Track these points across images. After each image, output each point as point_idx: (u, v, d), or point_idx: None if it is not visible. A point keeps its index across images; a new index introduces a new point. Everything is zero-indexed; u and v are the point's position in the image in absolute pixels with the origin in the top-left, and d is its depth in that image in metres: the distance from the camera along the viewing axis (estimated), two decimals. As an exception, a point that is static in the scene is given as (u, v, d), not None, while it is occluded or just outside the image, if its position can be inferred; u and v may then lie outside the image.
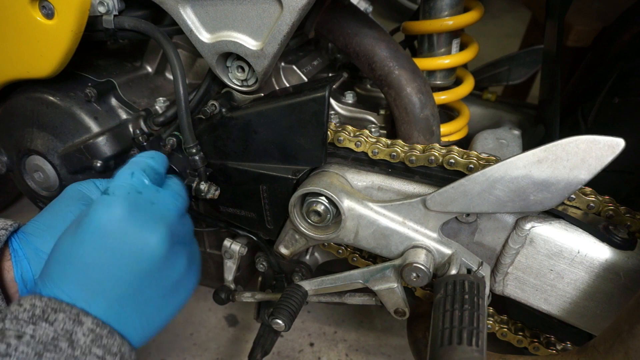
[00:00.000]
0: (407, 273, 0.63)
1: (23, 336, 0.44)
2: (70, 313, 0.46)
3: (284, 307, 0.70)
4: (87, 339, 0.46)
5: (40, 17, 0.65)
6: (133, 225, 0.50)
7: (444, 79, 0.92)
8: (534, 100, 1.11)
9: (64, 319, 0.46)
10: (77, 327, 0.46)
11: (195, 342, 1.17)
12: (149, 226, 0.51)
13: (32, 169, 0.82)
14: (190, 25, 0.68)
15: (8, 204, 1.60)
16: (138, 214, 0.51)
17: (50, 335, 0.45)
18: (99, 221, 0.50)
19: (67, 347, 0.45)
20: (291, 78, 0.86)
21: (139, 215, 0.51)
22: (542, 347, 0.76)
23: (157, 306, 0.53)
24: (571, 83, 1.09)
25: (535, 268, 0.65)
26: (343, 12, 0.78)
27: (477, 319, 0.53)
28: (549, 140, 0.53)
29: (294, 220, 0.72)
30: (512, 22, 3.05)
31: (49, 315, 0.46)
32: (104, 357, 0.47)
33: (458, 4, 0.85)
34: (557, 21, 0.86)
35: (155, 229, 0.51)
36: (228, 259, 0.86)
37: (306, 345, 1.16)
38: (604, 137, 0.50)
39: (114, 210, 0.50)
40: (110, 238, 0.50)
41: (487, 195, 0.58)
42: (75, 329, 0.46)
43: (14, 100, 0.79)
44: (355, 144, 0.72)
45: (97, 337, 0.47)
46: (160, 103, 0.82)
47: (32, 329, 0.44)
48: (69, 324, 0.46)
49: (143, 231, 0.50)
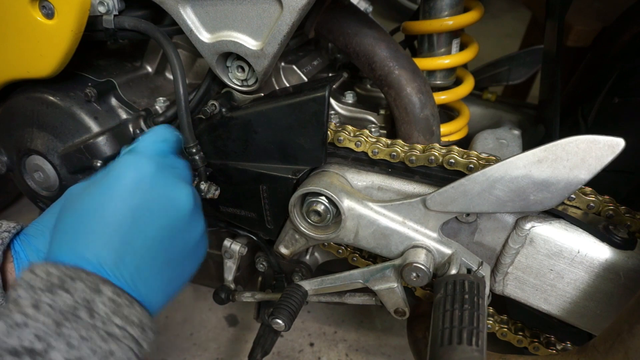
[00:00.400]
0: (407, 273, 0.63)
1: (40, 305, 0.42)
2: (90, 282, 0.45)
3: (284, 307, 0.70)
4: (107, 309, 0.45)
5: (40, 17, 0.65)
6: (162, 182, 0.51)
7: (444, 79, 0.92)
8: (534, 100, 1.11)
9: (84, 289, 0.44)
10: (97, 297, 0.44)
11: (195, 342, 1.17)
12: (177, 184, 0.52)
13: (32, 169, 0.82)
14: (190, 25, 0.68)
15: (8, 204, 1.60)
16: (165, 173, 0.52)
17: (69, 304, 0.43)
18: (128, 177, 0.49)
19: (87, 317, 0.43)
20: (291, 78, 0.86)
21: (166, 174, 0.52)
22: (542, 347, 0.76)
23: (176, 269, 0.53)
24: (571, 83, 1.09)
25: (535, 268, 0.65)
26: (343, 12, 0.78)
27: (477, 318, 0.53)
28: (549, 140, 0.53)
29: (294, 220, 0.72)
30: (512, 22, 3.05)
31: (67, 285, 0.44)
32: (124, 327, 0.45)
33: (458, 4, 0.85)
34: (557, 21, 0.86)
35: (182, 186, 0.53)
36: (228, 259, 0.86)
37: (306, 345, 1.16)
38: (604, 137, 0.50)
39: (143, 167, 0.50)
40: (140, 194, 0.49)
41: (487, 195, 0.58)
42: (95, 297, 0.44)
43: (14, 100, 0.79)
44: (355, 143, 0.72)
45: (116, 307, 0.45)
46: (160, 103, 0.82)
47: (49, 298, 0.43)
48: (88, 293, 0.44)
49: (172, 188, 0.51)
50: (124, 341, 0.45)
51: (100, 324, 0.44)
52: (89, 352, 0.42)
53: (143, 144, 0.55)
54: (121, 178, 0.49)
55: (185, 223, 0.52)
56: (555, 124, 0.88)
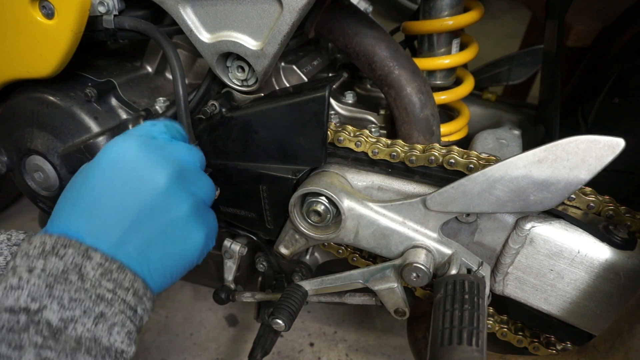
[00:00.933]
0: (407, 273, 0.63)
1: (34, 270, 0.46)
2: (79, 248, 0.48)
3: (284, 307, 0.70)
4: (96, 272, 0.48)
5: (40, 17, 0.65)
6: (140, 160, 0.53)
7: (444, 79, 0.92)
8: (534, 100, 1.11)
9: (73, 254, 0.47)
10: (86, 261, 0.48)
11: (195, 342, 1.17)
12: (155, 163, 0.54)
13: (32, 169, 0.82)
14: (190, 25, 0.68)
15: (8, 204, 1.60)
16: (146, 151, 0.54)
17: (60, 268, 0.46)
18: (108, 156, 0.53)
19: (76, 280, 0.47)
20: (291, 78, 0.86)
21: (147, 152, 0.54)
22: (542, 347, 0.76)
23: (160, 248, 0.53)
24: (571, 83, 1.09)
25: (535, 268, 0.65)
26: (343, 12, 0.78)
27: (477, 319, 0.53)
28: (549, 140, 0.53)
29: (294, 220, 0.72)
30: (512, 22, 3.05)
31: (58, 250, 0.47)
32: (115, 290, 0.48)
33: (458, 4, 0.85)
34: (557, 21, 0.86)
35: (160, 165, 0.54)
36: (228, 259, 0.86)
37: (306, 345, 1.16)
38: (604, 137, 0.50)
39: (123, 146, 0.54)
40: (117, 171, 0.52)
41: (487, 195, 0.58)
42: (85, 262, 0.48)
43: (14, 100, 0.79)
44: (355, 143, 0.72)
45: (106, 271, 0.48)
46: (160, 103, 0.82)
47: (42, 263, 0.46)
48: (78, 258, 0.47)
49: (148, 165, 0.53)
50: (114, 304, 0.48)
51: (90, 286, 0.47)
52: (80, 312, 0.46)
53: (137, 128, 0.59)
54: (102, 158, 0.53)
55: (159, 201, 0.53)
56: (555, 124, 0.88)
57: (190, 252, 0.57)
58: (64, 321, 0.45)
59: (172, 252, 0.55)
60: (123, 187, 0.52)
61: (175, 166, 0.55)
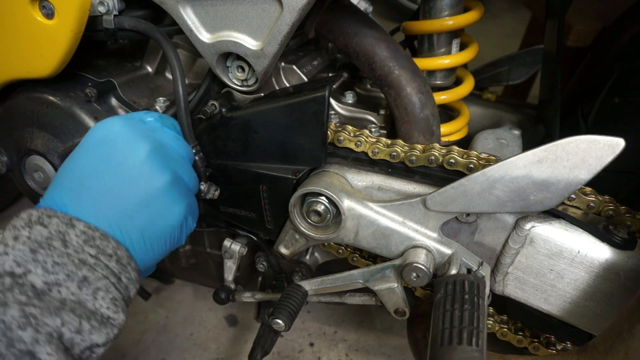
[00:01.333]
0: (407, 273, 0.63)
1: (19, 237, 0.49)
2: (63, 218, 0.51)
3: (284, 307, 0.70)
4: (80, 239, 0.50)
5: (40, 17, 0.65)
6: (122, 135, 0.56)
7: (444, 79, 0.92)
8: (534, 100, 1.11)
9: (57, 223, 0.50)
10: (70, 229, 0.50)
11: (195, 342, 1.17)
12: (137, 137, 0.56)
13: (32, 169, 0.82)
14: (190, 25, 0.68)
15: (8, 204, 1.60)
16: (130, 129, 0.56)
17: (44, 235, 0.49)
18: (95, 134, 0.56)
19: (60, 245, 0.49)
20: (291, 78, 0.86)
21: (131, 129, 0.56)
22: (542, 347, 0.76)
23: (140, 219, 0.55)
24: (571, 83, 1.09)
25: (535, 268, 0.65)
26: (343, 12, 0.78)
27: (477, 319, 0.53)
28: (549, 140, 0.53)
29: (294, 220, 0.72)
30: (512, 22, 3.05)
31: (43, 220, 0.50)
32: (97, 256, 0.50)
33: (458, 4, 0.85)
34: (557, 21, 0.86)
35: (142, 140, 0.56)
36: (228, 259, 0.86)
37: (306, 345, 1.16)
38: (604, 137, 0.50)
39: (109, 124, 0.57)
40: (100, 146, 0.55)
41: (487, 195, 0.58)
42: (68, 230, 0.50)
43: (14, 100, 0.79)
44: (355, 143, 0.72)
45: (89, 238, 0.51)
46: (160, 103, 0.82)
47: (27, 231, 0.49)
48: (62, 226, 0.50)
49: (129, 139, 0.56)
50: (97, 269, 0.50)
51: (73, 252, 0.49)
52: (64, 276, 0.48)
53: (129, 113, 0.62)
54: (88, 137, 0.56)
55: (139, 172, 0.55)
56: (555, 124, 0.88)
57: (170, 226, 0.58)
58: (48, 284, 0.47)
59: (151, 224, 0.56)
60: (104, 161, 0.54)
61: (157, 144, 0.58)
